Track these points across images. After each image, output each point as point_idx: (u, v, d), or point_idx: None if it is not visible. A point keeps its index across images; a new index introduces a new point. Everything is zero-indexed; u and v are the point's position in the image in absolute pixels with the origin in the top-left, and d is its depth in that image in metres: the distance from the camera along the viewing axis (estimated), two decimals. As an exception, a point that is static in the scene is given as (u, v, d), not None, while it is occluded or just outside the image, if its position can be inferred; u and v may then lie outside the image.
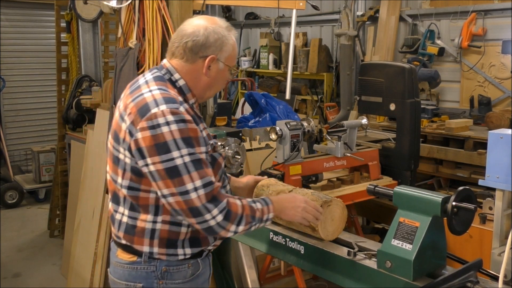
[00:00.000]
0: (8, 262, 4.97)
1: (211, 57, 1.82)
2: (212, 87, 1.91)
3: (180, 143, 1.67)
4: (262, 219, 1.84)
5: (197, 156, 1.70)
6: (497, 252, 2.33)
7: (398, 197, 1.84)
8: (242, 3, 6.23)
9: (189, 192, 1.67)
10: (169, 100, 1.72)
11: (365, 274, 1.88)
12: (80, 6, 4.69)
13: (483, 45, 5.31)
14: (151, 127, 1.67)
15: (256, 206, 1.83)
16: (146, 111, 1.69)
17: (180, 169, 1.66)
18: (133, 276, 1.84)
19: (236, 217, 1.75)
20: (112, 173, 1.85)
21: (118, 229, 1.86)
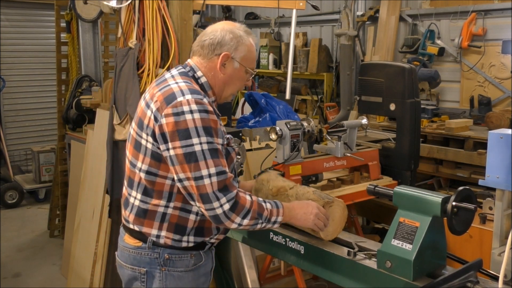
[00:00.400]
0: (8, 262, 4.97)
1: (225, 54, 1.93)
2: (228, 85, 2.00)
3: (200, 131, 1.77)
4: (269, 219, 1.90)
5: (215, 145, 1.80)
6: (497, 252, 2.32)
7: (398, 197, 1.84)
8: (242, 3, 6.23)
9: (203, 178, 1.76)
10: (194, 91, 1.85)
11: (365, 274, 1.88)
12: (80, 6, 4.69)
13: (483, 45, 5.30)
14: (175, 113, 1.78)
15: (265, 205, 1.90)
16: (172, 99, 1.81)
17: (197, 155, 1.76)
18: (138, 260, 1.94)
19: (243, 210, 1.81)
20: (132, 157, 1.94)
21: (130, 211, 1.95)
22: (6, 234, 5.68)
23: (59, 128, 5.35)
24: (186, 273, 1.95)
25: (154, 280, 1.92)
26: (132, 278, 1.97)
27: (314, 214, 2.00)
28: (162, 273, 1.92)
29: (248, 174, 3.76)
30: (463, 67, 5.53)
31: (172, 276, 1.93)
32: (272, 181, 2.26)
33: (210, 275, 2.08)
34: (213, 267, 2.11)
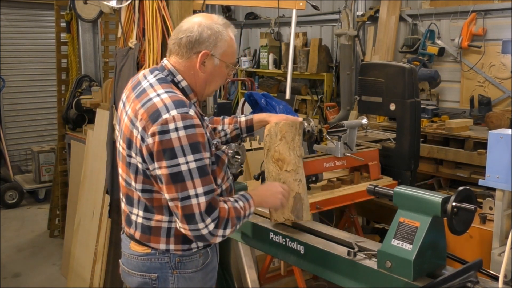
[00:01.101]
0: (8, 262, 4.97)
1: (204, 52, 1.83)
2: (209, 83, 1.92)
3: (187, 150, 1.70)
4: (245, 216, 1.89)
5: (203, 162, 1.74)
6: (497, 252, 2.33)
7: (398, 197, 1.84)
8: (242, 3, 6.23)
9: (190, 198, 1.71)
10: (179, 104, 1.74)
11: (365, 274, 1.87)
12: (80, 6, 4.69)
13: (483, 45, 5.30)
14: (160, 132, 1.70)
15: (239, 205, 1.87)
16: (158, 117, 1.72)
17: (184, 175, 1.70)
18: (148, 267, 1.89)
19: (223, 221, 1.78)
20: (126, 176, 1.89)
21: (135, 229, 1.91)
22: (6, 234, 5.68)
23: (59, 128, 5.35)
24: (196, 273, 1.93)
25: (167, 284, 1.89)
26: (143, 284, 1.92)
27: (280, 192, 2.05)
28: (174, 277, 1.89)
29: (248, 174, 3.76)
30: (463, 67, 5.53)
31: (183, 278, 1.91)
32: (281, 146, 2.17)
33: (216, 269, 2.08)
34: (218, 260, 2.12)
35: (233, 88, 8.82)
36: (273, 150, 2.17)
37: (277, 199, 2.05)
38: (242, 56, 8.49)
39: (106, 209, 3.74)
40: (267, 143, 2.19)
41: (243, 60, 8.37)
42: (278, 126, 2.17)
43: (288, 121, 2.17)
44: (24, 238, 5.62)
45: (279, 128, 2.17)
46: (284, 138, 2.16)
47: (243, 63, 8.35)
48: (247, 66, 8.31)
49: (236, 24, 8.81)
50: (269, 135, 2.18)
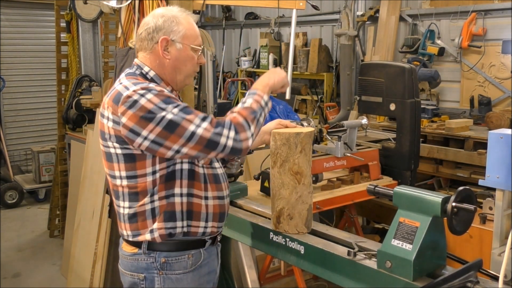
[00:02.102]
0: (8, 262, 4.97)
1: (163, 38, 1.87)
2: (179, 69, 1.93)
3: (162, 105, 1.74)
4: (261, 106, 1.91)
5: (183, 104, 1.79)
6: (497, 252, 2.32)
7: (398, 197, 1.84)
8: (242, 3, 6.23)
9: (195, 132, 1.75)
10: (138, 82, 1.81)
11: (365, 274, 1.87)
12: (80, 6, 4.69)
13: (483, 45, 5.30)
14: (129, 106, 1.74)
15: (248, 103, 1.90)
16: (120, 97, 1.77)
17: (175, 120, 1.74)
18: (135, 267, 1.92)
19: (243, 125, 1.82)
20: (109, 170, 1.91)
21: (124, 222, 1.93)
22: (6, 234, 5.68)
23: (59, 128, 5.35)
24: (185, 275, 1.91)
25: (153, 285, 1.90)
26: (133, 284, 1.95)
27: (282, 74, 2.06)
28: (160, 277, 1.89)
29: (248, 174, 3.76)
30: (463, 67, 5.53)
31: (170, 279, 1.90)
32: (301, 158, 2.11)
33: (215, 273, 2.05)
34: (219, 264, 2.09)
35: (233, 88, 8.82)
36: (291, 162, 2.09)
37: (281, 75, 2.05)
38: (242, 56, 8.50)
39: (106, 209, 3.74)
40: (283, 153, 2.10)
41: (243, 60, 8.37)
42: (299, 138, 2.08)
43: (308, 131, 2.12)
44: (24, 238, 5.62)
45: (300, 139, 2.09)
46: (303, 150, 2.11)
47: (243, 63, 8.35)
48: (247, 66, 8.31)
49: (236, 24, 8.83)
50: (287, 145, 2.09)
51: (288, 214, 2.14)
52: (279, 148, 2.11)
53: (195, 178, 1.92)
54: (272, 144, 2.13)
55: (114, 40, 4.76)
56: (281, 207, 2.15)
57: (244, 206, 2.58)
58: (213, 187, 1.97)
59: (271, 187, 2.18)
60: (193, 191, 1.92)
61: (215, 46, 5.78)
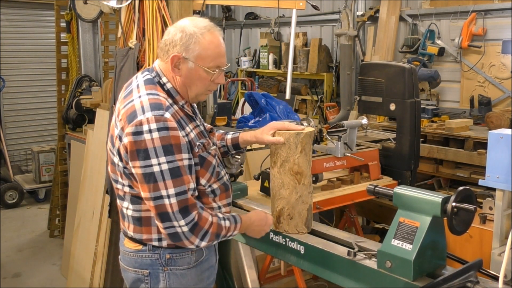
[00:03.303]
0: (8, 262, 4.97)
1: (173, 55, 1.84)
2: (189, 87, 1.91)
3: (159, 151, 1.74)
4: (226, 236, 1.92)
5: (176, 164, 1.77)
6: (497, 252, 2.33)
7: (398, 197, 1.84)
8: (242, 3, 6.23)
9: (162, 198, 1.76)
10: (156, 106, 1.78)
11: (365, 274, 1.87)
12: (80, 6, 4.69)
13: (483, 45, 5.30)
14: (135, 133, 1.75)
15: (224, 223, 1.91)
16: (134, 118, 1.77)
17: (156, 176, 1.75)
18: (140, 263, 1.94)
19: (202, 231, 1.82)
20: (112, 174, 1.95)
21: (128, 222, 1.96)
22: (6, 234, 5.68)
23: (59, 128, 5.35)
24: (189, 270, 1.95)
25: (158, 280, 1.93)
26: (137, 280, 1.97)
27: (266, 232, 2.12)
28: (165, 273, 1.92)
29: (248, 174, 3.76)
30: (463, 67, 5.53)
31: (175, 275, 1.93)
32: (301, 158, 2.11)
33: (214, 268, 2.09)
34: (217, 259, 2.14)
35: (233, 88, 8.83)
36: (292, 162, 2.10)
37: (261, 234, 2.11)
38: (242, 56, 8.50)
39: (106, 209, 3.74)
40: (284, 153, 2.10)
41: (243, 60, 8.37)
42: (299, 138, 2.09)
43: (307, 131, 2.12)
44: (24, 238, 5.62)
45: (300, 139, 2.10)
46: (304, 150, 2.11)
47: (243, 63, 8.35)
48: (247, 66, 8.31)
49: (236, 24, 8.83)
50: (287, 145, 2.09)
51: (288, 214, 2.15)
52: (279, 148, 2.11)
53: (201, 196, 1.95)
54: (272, 144, 2.13)
55: (114, 40, 4.75)
56: (281, 207, 2.15)
57: (244, 206, 2.58)
58: (223, 196, 2.04)
59: (271, 187, 2.19)
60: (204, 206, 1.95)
61: (215, 46, 5.76)
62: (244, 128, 4.39)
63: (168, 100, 1.85)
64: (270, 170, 2.19)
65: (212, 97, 3.80)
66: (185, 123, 1.87)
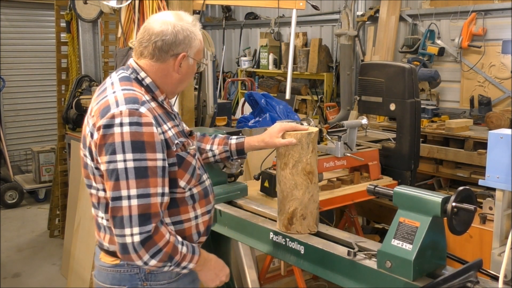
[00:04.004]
0: (8, 262, 4.97)
1: (183, 54, 1.81)
2: (182, 82, 1.91)
3: (127, 147, 1.62)
4: (179, 264, 1.75)
5: (144, 163, 1.64)
6: (497, 252, 2.33)
7: (398, 197, 1.84)
8: (242, 3, 6.23)
9: (121, 199, 1.62)
10: (131, 100, 1.69)
11: (365, 274, 1.87)
12: (80, 6, 4.69)
13: (483, 45, 5.31)
14: (105, 126, 1.65)
15: (181, 249, 1.74)
16: (107, 112, 1.67)
17: (119, 173, 1.62)
18: (118, 279, 1.81)
19: (154, 247, 1.65)
20: (86, 179, 1.83)
21: (104, 233, 1.83)
22: (6, 234, 5.68)
23: (59, 128, 5.35)
24: (170, 284, 1.84)
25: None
26: None
27: (221, 281, 1.94)
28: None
29: (248, 174, 3.76)
30: (463, 67, 5.54)
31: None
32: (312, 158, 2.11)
33: (197, 283, 1.98)
34: None
35: (233, 88, 8.83)
36: (304, 163, 2.08)
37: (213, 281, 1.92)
38: (242, 56, 8.50)
39: (106, 209, 3.73)
40: (296, 154, 2.08)
41: (243, 60, 8.37)
42: (310, 137, 2.08)
43: (316, 130, 2.10)
44: (24, 238, 5.62)
45: (311, 139, 2.09)
46: (314, 149, 2.11)
47: (243, 63, 8.35)
48: (247, 66, 8.31)
49: (236, 24, 8.83)
50: (299, 145, 2.07)
51: (301, 214, 2.13)
52: (290, 149, 2.08)
53: (179, 204, 1.83)
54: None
55: (114, 40, 4.75)
56: (294, 208, 2.13)
57: (244, 206, 2.58)
58: (202, 203, 1.91)
59: (281, 189, 2.15)
60: (181, 217, 1.84)
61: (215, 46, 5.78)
62: (244, 128, 4.39)
63: (145, 96, 1.76)
64: (279, 172, 2.14)
65: (212, 97, 3.80)
66: (163, 120, 1.77)
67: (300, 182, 2.10)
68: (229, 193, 2.63)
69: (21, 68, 7.70)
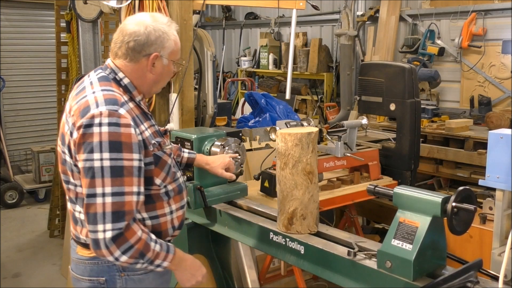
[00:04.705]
0: (8, 262, 4.96)
1: (154, 55, 1.84)
2: (158, 82, 1.93)
3: (104, 146, 1.67)
4: (153, 262, 1.77)
5: (120, 162, 1.68)
6: (497, 252, 2.33)
7: (398, 197, 1.84)
8: (242, 3, 6.23)
9: (95, 196, 1.66)
10: (110, 101, 1.73)
11: (365, 274, 1.87)
12: (80, 6, 4.69)
13: (483, 45, 5.31)
14: (85, 125, 1.69)
15: (154, 246, 1.76)
16: (87, 112, 1.71)
17: (95, 171, 1.66)
18: (95, 271, 1.85)
19: (125, 244, 1.68)
20: (63, 175, 1.87)
21: (82, 227, 1.86)
22: (6, 234, 5.68)
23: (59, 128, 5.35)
24: (147, 275, 1.88)
25: (115, 286, 1.86)
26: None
27: (197, 281, 1.94)
28: (122, 279, 1.85)
29: (248, 174, 3.76)
30: (463, 67, 5.54)
31: (132, 280, 1.87)
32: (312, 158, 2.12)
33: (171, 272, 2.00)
34: None
35: (233, 88, 8.83)
36: (304, 163, 2.09)
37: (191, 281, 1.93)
38: (242, 56, 8.50)
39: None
40: (296, 154, 2.09)
41: (243, 60, 8.38)
42: (310, 137, 2.09)
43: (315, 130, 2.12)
44: (24, 238, 5.62)
45: (311, 139, 2.10)
46: (314, 149, 2.12)
47: (243, 63, 8.35)
48: (247, 66, 8.31)
49: (236, 24, 8.83)
50: (299, 145, 2.08)
51: (301, 214, 2.13)
52: (290, 149, 2.09)
53: (155, 200, 1.88)
54: (282, 146, 2.11)
55: (114, 40, 4.75)
56: (294, 208, 2.13)
57: (244, 206, 2.58)
58: (177, 199, 1.96)
59: (281, 189, 2.16)
60: (157, 212, 1.88)
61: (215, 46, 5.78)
62: (244, 128, 4.39)
63: (123, 97, 1.80)
64: (279, 172, 2.15)
65: (212, 97, 3.80)
66: (141, 121, 1.82)
67: (300, 182, 2.11)
68: (229, 193, 2.63)
69: (21, 68, 7.70)
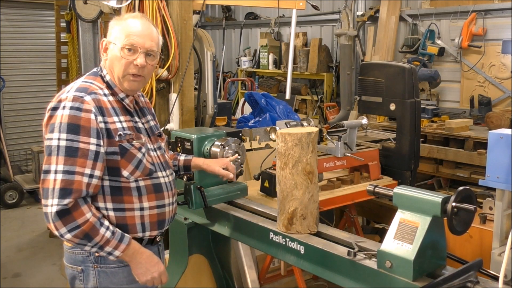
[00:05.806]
0: (8, 262, 4.96)
1: (102, 40, 1.99)
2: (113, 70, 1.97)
3: (63, 128, 1.79)
4: (102, 247, 1.81)
5: (76, 144, 1.79)
6: (497, 252, 2.33)
7: (398, 197, 1.84)
8: (242, 3, 6.23)
9: (50, 172, 1.77)
10: (81, 89, 1.87)
11: (365, 274, 1.87)
12: (80, 6, 4.69)
13: (483, 45, 5.31)
14: (52, 108, 1.84)
15: (104, 232, 1.81)
16: (58, 97, 1.86)
17: (52, 149, 1.79)
18: (74, 260, 1.96)
19: (72, 223, 1.75)
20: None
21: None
22: (6, 234, 5.68)
23: (59, 128, 5.35)
24: (120, 269, 1.92)
25: (89, 278, 1.92)
26: (73, 277, 1.97)
27: (153, 277, 1.94)
28: (95, 271, 1.92)
29: (248, 174, 3.76)
30: (463, 67, 5.54)
31: (105, 273, 1.92)
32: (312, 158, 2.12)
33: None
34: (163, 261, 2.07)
35: (233, 88, 8.83)
36: (304, 162, 2.09)
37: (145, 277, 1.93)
38: (242, 56, 8.50)
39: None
40: (296, 154, 2.09)
41: (243, 60, 8.37)
42: (310, 137, 2.09)
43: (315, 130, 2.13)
44: (24, 238, 5.62)
45: (311, 139, 2.10)
46: (314, 149, 2.12)
47: (243, 63, 8.35)
48: (247, 66, 8.31)
49: (236, 24, 8.83)
50: (299, 145, 2.08)
51: (301, 214, 2.13)
52: (290, 149, 2.09)
53: (123, 193, 1.90)
54: (282, 146, 2.11)
55: (114, 40, 4.75)
56: (294, 208, 2.13)
57: (244, 206, 2.58)
58: (152, 197, 1.97)
59: (281, 189, 2.16)
60: (124, 206, 1.91)
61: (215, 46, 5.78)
62: (244, 128, 4.39)
63: (104, 90, 1.92)
64: (279, 172, 2.15)
65: (212, 97, 3.80)
66: (115, 113, 1.90)
67: (300, 182, 2.11)
68: (229, 193, 2.63)
69: (21, 68, 7.70)
